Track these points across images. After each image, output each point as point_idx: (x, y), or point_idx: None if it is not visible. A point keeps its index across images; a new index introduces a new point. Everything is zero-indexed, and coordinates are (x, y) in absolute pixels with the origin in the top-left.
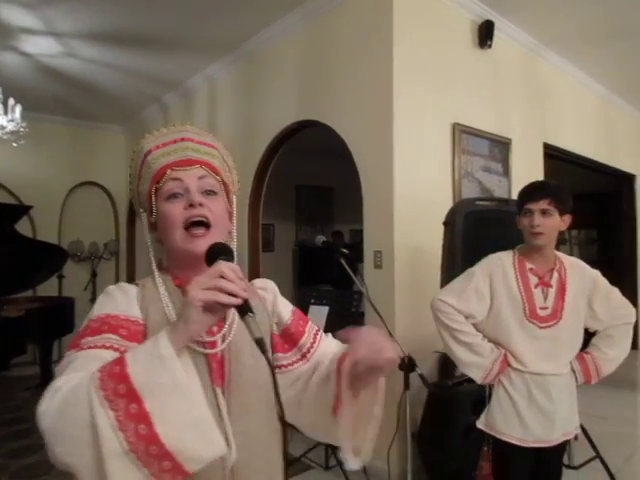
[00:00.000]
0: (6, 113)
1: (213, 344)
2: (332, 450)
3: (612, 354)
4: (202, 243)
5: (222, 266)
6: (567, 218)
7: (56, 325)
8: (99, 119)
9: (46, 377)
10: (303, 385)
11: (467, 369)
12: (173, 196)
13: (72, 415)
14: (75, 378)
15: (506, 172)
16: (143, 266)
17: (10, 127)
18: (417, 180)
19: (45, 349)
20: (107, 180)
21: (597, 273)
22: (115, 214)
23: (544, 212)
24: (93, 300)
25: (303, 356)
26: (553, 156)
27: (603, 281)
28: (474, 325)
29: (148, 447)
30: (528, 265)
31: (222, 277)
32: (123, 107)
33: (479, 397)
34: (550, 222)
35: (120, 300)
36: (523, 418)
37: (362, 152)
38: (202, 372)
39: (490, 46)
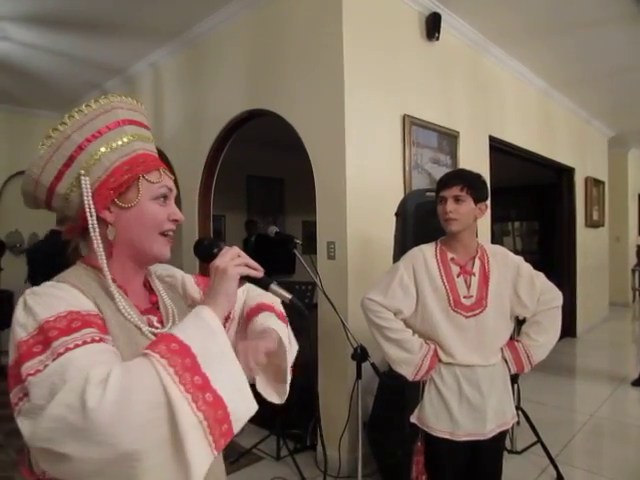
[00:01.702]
0: None
1: None
2: (284, 441)
3: (542, 340)
4: (167, 250)
5: (233, 249)
6: (483, 206)
7: None
8: (36, 105)
9: None
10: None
11: (398, 366)
12: (162, 198)
13: (139, 400)
14: (115, 369)
15: (454, 164)
16: None
17: None
18: (369, 171)
19: None
20: None
21: (520, 259)
22: None
23: (457, 199)
24: None
25: (227, 318)
26: (498, 149)
27: (527, 267)
28: (404, 321)
29: (216, 412)
30: (449, 255)
31: (239, 256)
32: (62, 93)
33: None
34: (463, 208)
35: (65, 297)
36: (453, 414)
37: (314, 143)
38: None
39: (438, 38)
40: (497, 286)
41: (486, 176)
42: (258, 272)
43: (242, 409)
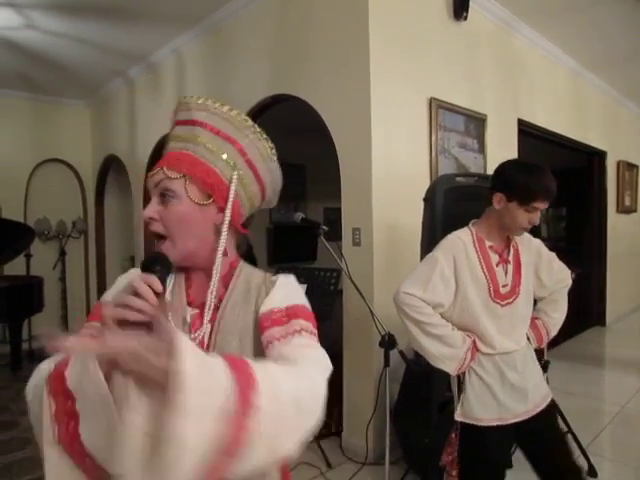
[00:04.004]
0: None
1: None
2: None
3: (557, 317)
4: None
5: (136, 282)
6: None
7: (25, 304)
8: (62, 94)
9: (16, 356)
10: None
11: (440, 362)
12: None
13: (36, 395)
14: (44, 368)
15: (481, 149)
16: (115, 245)
17: None
18: (395, 156)
19: (14, 328)
20: (72, 157)
21: (539, 242)
22: (82, 191)
23: None
24: (62, 279)
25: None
26: (526, 132)
27: (545, 248)
28: (441, 314)
29: (73, 443)
30: (487, 242)
31: (136, 293)
32: (86, 81)
33: None
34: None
35: (118, 287)
36: (499, 398)
37: (339, 128)
38: None
39: (466, 18)
40: (526, 272)
41: None
42: (138, 315)
43: (105, 457)
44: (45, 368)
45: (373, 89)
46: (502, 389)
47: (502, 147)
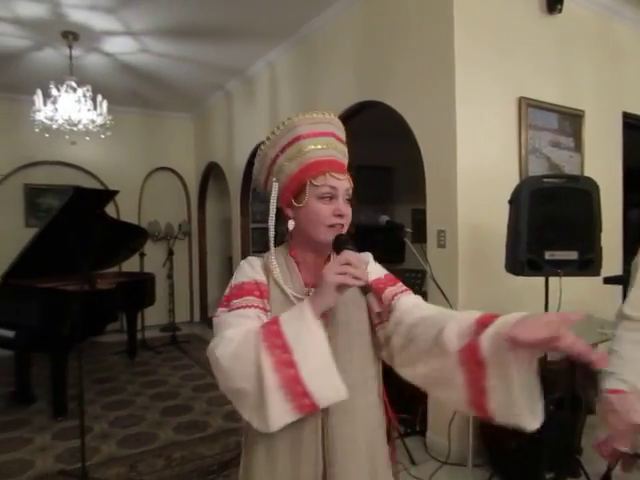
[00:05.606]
0: (95, 108)
1: None
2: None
3: None
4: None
5: (348, 255)
6: None
7: (140, 298)
8: (169, 108)
9: (132, 344)
10: (398, 345)
11: None
12: (327, 198)
13: (244, 357)
14: (241, 332)
15: (578, 146)
16: (215, 246)
17: (99, 121)
18: (481, 158)
19: (131, 319)
20: (178, 165)
21: None
22: (187, 196)
23: None
24: (170, 276)
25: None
26: (633, 126)
27: None
28: None
29: (295, 386)
30: None
31: (348, 264)
32: (190, 96)
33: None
34: None
35: (248, 270)
36: None
37: (424, 132)
38: None
39: (560, 10)
40: None
41: (617, 157)
42: (358, 282)
43: (326, 392)
44: (232, 334)
45: (458, 91)
46: None
47: (603, 144)
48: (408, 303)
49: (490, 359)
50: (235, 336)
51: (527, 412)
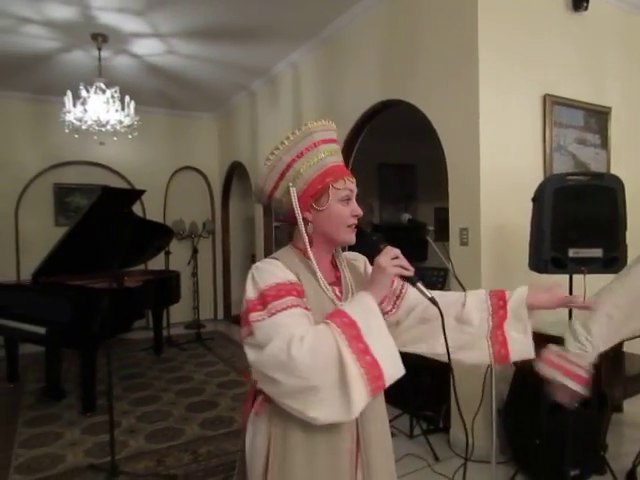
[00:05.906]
0: (123, 109)
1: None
2: (417, 420)
3: None
4: (353, 237)
5: (394, 250)
6: None
7: (166, 295)
8: (193, 108)
9: (158, 341)
10: (408, 326)
11: None
12: (345, 200)
13: (323, 352)
14: (309, 330)
15: (604, 143)
16: (238, 244)
17: (127, 122)
18: (504, 156)
19: (157, 316)
20: (202, 164)
21: None
22: (211, 195)
23: None
24: (195, 274)
25: (393, 305)
26: None
27: None
28: None
29: (374, 371)
30: None
31: (397, 257)
32: (215, 96)
33: None
34: None
35: (276, 271)
36: None
37: (447, 130)
38: None
39: (586, 8)
40: None
41: None
42: (409, 272)
43: (393, 371)
44: (300, 333)
45: (482, 90)
46: None
47: (631, 140)
48: (415, 291)
49: (510, 322)
50: (305, 334)
51: (531, 343)
